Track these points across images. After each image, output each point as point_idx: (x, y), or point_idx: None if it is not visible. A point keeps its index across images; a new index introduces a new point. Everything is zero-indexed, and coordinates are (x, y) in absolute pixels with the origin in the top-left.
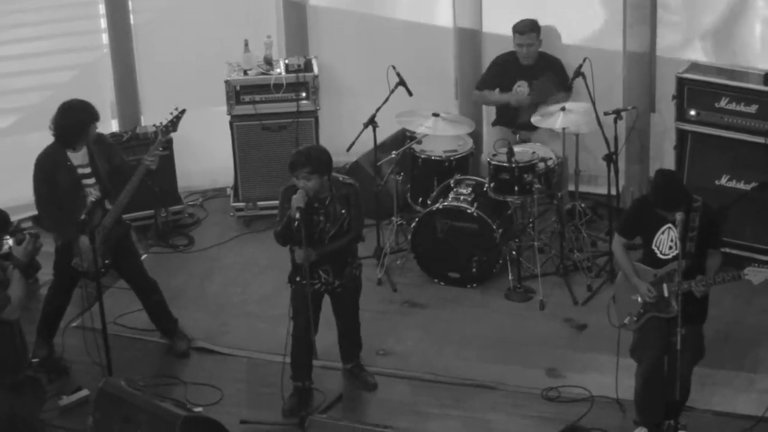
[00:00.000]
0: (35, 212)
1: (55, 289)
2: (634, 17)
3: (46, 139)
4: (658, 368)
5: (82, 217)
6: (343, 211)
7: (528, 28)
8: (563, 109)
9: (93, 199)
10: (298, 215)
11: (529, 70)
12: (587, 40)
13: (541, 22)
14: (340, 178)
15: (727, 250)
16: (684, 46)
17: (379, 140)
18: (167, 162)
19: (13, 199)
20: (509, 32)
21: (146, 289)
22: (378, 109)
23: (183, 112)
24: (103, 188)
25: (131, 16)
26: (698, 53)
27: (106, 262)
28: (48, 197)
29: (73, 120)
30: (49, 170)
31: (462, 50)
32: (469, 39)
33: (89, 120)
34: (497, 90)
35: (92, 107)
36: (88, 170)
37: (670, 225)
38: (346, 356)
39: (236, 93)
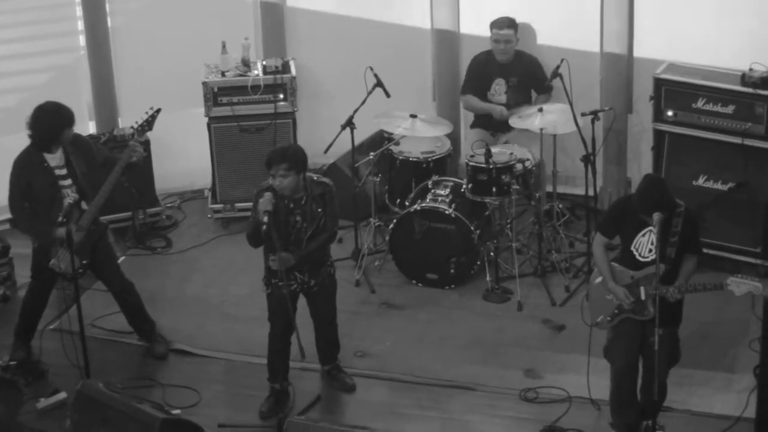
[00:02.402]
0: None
1: (32, 291)
2: (611, 17)
3: (23, 141)
4: (632, 370)
5: (60, 219)
6: (320, 210)
7: (505, 24)
8: (540, 110)
9: (71, 201)
10: (266, 219)
11: (506, 68)
12: (564, 40)
13: (519, 18)
14: (314, 177)
15: (705, 250)
16: (661, 46)
17: (357, 142)
18: (144, 164)
19: None
20: (486, 33)
21: (123, 290)
22: (356, 111)
23: (158, 111)
24: (79, 189)
25: (108, 18)
26: (675, 54)
27: (84, 262)
28: (23, 200)
29: (48, 123)
30: (26, 172)
31: (439, 52)
32: (447, 40)
33: (63, 124)
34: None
35: (67, 110)
36: (64, 171)
37: (651, 228)
38: (324, 358)
39: (214, 95)
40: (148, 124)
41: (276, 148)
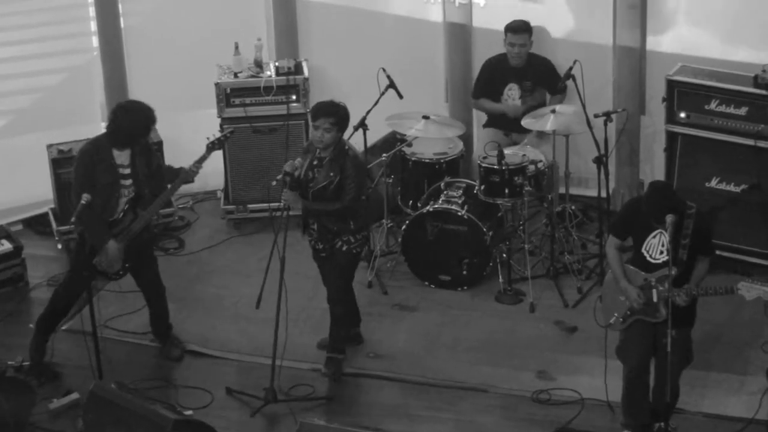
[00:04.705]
0: (27, 215)
1: (68, 285)
2: (623, 12)
3: (37, 141)
4: (643, 371)
5: (72, 219)
6: (332, 174)
7: (521, 29)
8: (553, 111)
9: (83, 202)
10: (279, 177)
11: (519, 72)
12: (577, 35)
13: (531, 16)
14: (346, 147)
15: (717, 252)
16: (675, 41)
17: (370, 143)
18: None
19: (1, 203)
20: (499, 26)
21: (157, 294)
22: (368, 112)
23: (232, 132)
24: (138, 190)
25: (121, 19)
26: (689, 47)
27: (126, 265)
28: (88, 187)
29: (140, 123)
30: (91, 164)
31: (452, 49)
32: (459, 35)
33: (149, 125)
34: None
35: (151, 111)
36: (128, 171)
37: (661, 230)
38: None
39: (226, 95)
40: (219, 142)
41: (326, 102)
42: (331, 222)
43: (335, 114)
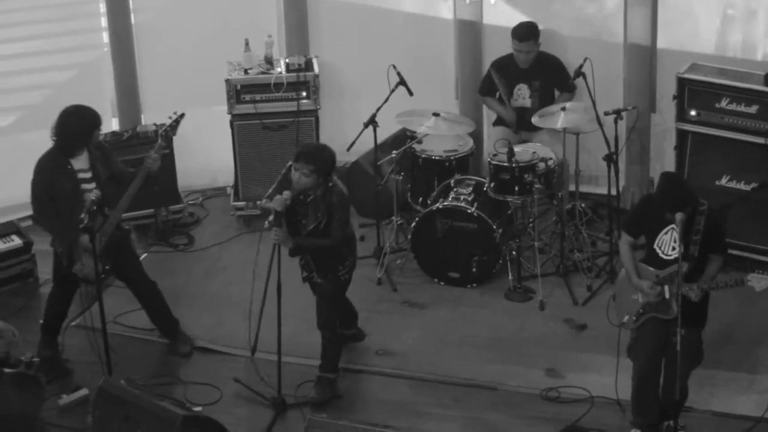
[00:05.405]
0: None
1: (55, 296)
2: (634, 9)
3: (46, 138)
4: (653, 369)
5: (81, 215)
6: (319, 215)
7: (526, 36)
8: (563, 108)
9: (92, 198)
10: (271, 218)
11: (528, 73)
12: (588, 32)
13: (542, 13)
14: (331, 185)
15: (728, 250)
16: (686, 38)
17: (380, 140)
18: (167, 161)
19: (10, 198)
20: (509, 24)
21: (147, 291)
22: (378, 109)
23: (182, 116)
24: (103, 192)
25: (132, 15)
26: (700, 45)
27: (107, 267)
28: (46, 202)
29: (76, 127)
30: (49, 175)
31: (462, 46)
32: (470, 32)
33: (93, 127)
34: (497, 95)
35: (95, 113)
36: (89, 175)
37: (673, 226)
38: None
39: (237, 92)
40: (172, 128)
41: (311, 146)
42: (322, 257)
43: (314, 161)
